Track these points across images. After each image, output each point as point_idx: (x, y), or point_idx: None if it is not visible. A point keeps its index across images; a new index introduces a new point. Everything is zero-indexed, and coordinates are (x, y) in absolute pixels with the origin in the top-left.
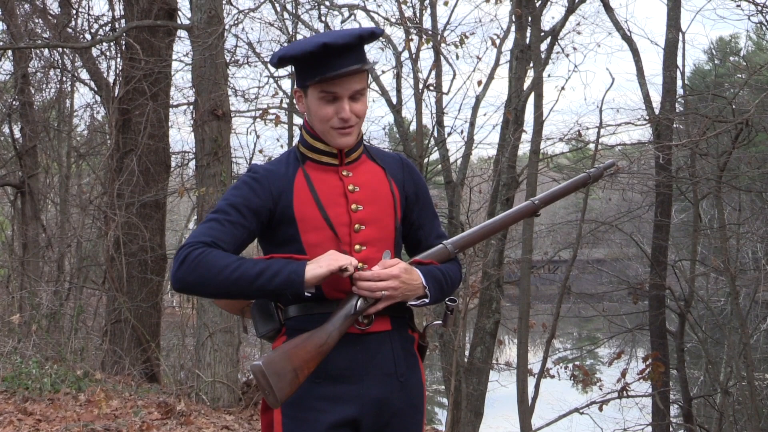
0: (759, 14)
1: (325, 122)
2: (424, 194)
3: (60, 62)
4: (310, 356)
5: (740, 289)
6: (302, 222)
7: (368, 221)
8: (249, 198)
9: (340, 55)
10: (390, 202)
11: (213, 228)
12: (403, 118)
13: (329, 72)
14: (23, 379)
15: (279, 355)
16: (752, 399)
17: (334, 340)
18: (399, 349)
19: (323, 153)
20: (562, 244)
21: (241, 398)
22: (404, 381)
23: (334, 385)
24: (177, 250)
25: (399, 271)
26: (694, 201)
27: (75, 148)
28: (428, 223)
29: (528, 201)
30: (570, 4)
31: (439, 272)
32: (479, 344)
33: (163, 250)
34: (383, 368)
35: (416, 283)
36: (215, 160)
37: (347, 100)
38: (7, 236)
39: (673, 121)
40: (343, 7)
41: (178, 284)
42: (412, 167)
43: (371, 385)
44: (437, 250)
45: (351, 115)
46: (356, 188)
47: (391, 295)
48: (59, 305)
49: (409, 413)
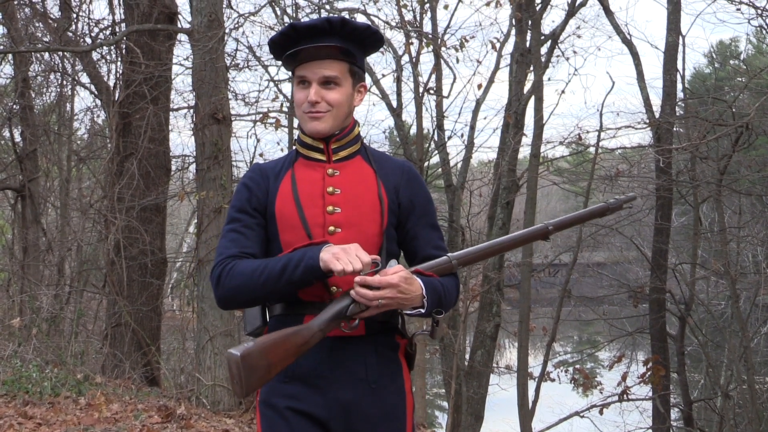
0: (759, 18)
1: (299, 107)
2: (422, 204)
3: (60, 66)
4: (287, 354)
5: (741, 292)
6: (281, 220)
7: (344, 224)
8: (250, 199)
9: (307, 36)
10: (375, 207)
11: (233, 239)
12: (403, 122)
13: (292, 49)
14: (23, 383)
15: (257, 349)
16: (753, 402)
17: (316, 340)
18: (372, 354)
19: (312, 148)
20: (562, 247)
21: (242, 402)
22: (376, 387)
23: (302, 386)
24: (211, 271)
25: (399, 280)
26: (694, 204)
27: (75, 151)
28: (424, 234)
29: (542, 224)
30: (570, 7)
31: (440, 285)
32: (480, 347)
33: (163, 254)
34: (353, 373)
35: (416, 294)
36: (215, 164)
37: (317, 85)
38: (8, 240)
39: (673, 124)
40: (343, 10)
41: (221, 303)
42: (413, 175)
43: (339, 389)
44: (440, 263)
45: (318, 98)
46: (336, 190)
47: (387, 304)
48: (59, 309)
49: (383, 421)
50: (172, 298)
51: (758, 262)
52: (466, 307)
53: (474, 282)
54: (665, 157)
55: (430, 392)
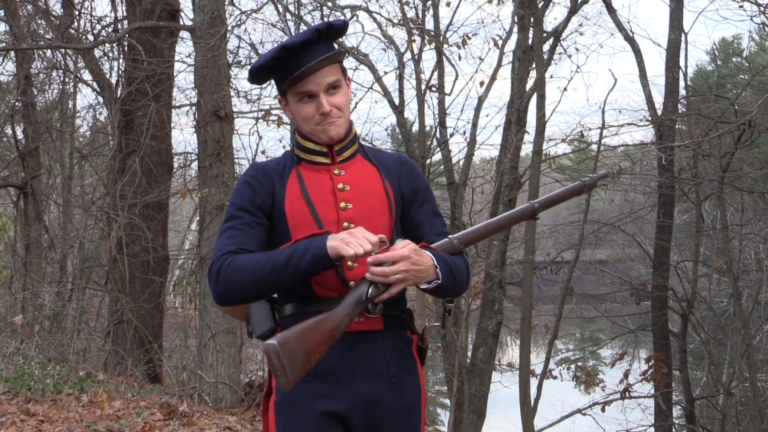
0: (762, 15)
1: (309, 121)
2: (423, 192)
3: (63, 63)
4: (322, 339)
5: (743, 290)
6: (292, 219)
7: (357, 219)
8: (252, 197)
9: (302, 53)
10: (384, 201)
11: (232, 236)
12: (405, 119)
13: (294, 71)
14: (26, 380)
15: (293, 336)
16: (755, 400)
17: (345, 325)
18: (391, 349)
19: (315, 153)
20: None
21: (244, 399)
22: (396, 382)
23: (323, 383)
24: (208, 269)
25: (409, 252)
26: (696, 202)
27: (77, 149)
28: (427, 220)
29: (528, 203)
30: (572, 5)
31: (448, 258)
32: (481, 345)
33: (165, 251)
34: (373, 368)
35: (428, 264)
36: (218, 161)
37: (323, 94)
38: (10, 237)
39: (675, 122)
40: (345, 8)
41: (221, 299)
42: (410, 166)
43: (361, 385)
44: (443, 243)
45: (330, 108)
46: (346, 187)
47: (404, 278)
48: (62, 306)
49: (403, 415)
50: (174, 296)
51: (760, 259)
52: (468, 304)
53: (476, 279)
54: (667, 155)
55: (432, 389)
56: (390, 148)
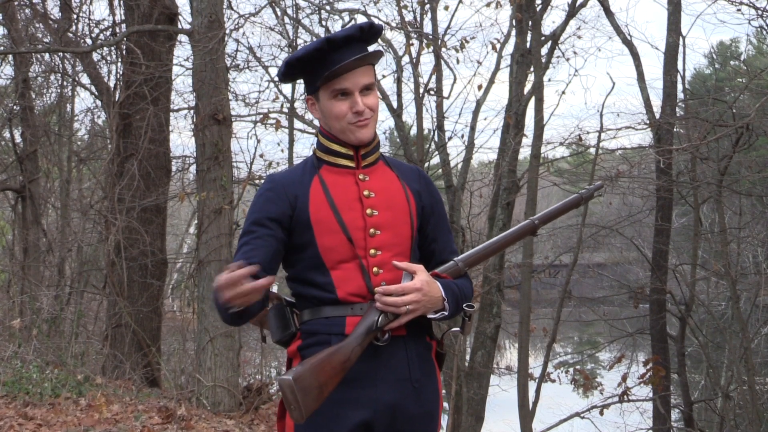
0: (759, 18)
1: (342, 119)
2: (440, 208)
3: (61, 67)
4: (335, 372)
5: (741, 293)
6: (317, 225)
7: (383, 226)
8: (267, 209)
9: (343, 48)
10: (405, 209)
11: (243, 252)
12: (403, 123)
13: (334, 65)
14: (24, 384)
15: (307, 371)
16: (753, 403)
17: (356, 356)
18: (414, 354)
19: (340, 155)
20: (562, 248)
21: (242, 403)
22: (419, 387)
23: (347, 390)
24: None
25: (421, 284)
26: (694, 205)
27: (76, 152)
28: (443, 237)
29: (528, 220)
30: (570, 8)
31: (455, 286)
32: (480, 348)
33: (163, 255)
34: (397, 373)
35: (437, 296)
36: (216, 165)
37: (358, 94)
38: (8, 241)
39: (673, 125)
40: (343, 11)
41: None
42: (429, 180)
43: (385, 390)
44: (450, 267)
45: (365, 107)
46: (372, 193)
47: (414, 309)
48: (60, 310)
49: (424, 420)
50: (173, 299)
51: (758, 262)
52: None
53: (474, 283)
54: (665, 158)
55: None
56: (388, 152)
